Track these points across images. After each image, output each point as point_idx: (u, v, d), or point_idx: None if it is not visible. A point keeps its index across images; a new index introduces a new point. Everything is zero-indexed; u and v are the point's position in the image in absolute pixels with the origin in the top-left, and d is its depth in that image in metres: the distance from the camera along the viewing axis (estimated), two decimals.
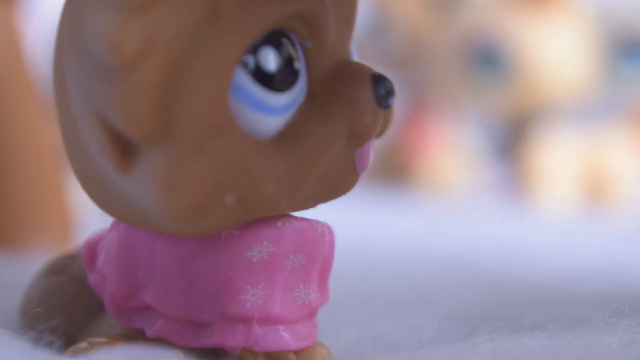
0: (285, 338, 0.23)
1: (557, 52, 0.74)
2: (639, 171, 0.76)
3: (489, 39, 0.74)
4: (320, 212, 0.24)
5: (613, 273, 0.41)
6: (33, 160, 0.43)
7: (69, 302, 0.25)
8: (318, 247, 0.23)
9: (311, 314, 0.24)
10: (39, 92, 0.45)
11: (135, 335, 0.23)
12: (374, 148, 0.23)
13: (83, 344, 0.23)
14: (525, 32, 0.74)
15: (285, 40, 0.21)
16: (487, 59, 0.74)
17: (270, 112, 0.21)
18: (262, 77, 0.21)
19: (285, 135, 0.21)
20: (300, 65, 0.21)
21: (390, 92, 0.22)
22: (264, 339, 0.22)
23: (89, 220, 0.45)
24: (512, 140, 0.77)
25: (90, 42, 0.20)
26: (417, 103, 0.81)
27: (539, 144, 0.75)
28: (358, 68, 0.22)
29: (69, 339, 0.24)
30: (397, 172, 0.80)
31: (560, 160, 0.74)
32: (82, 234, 0.43)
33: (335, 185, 0.22)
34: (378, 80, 0.22)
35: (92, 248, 0.25)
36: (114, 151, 0.21)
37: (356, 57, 0.24)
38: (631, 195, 0.75)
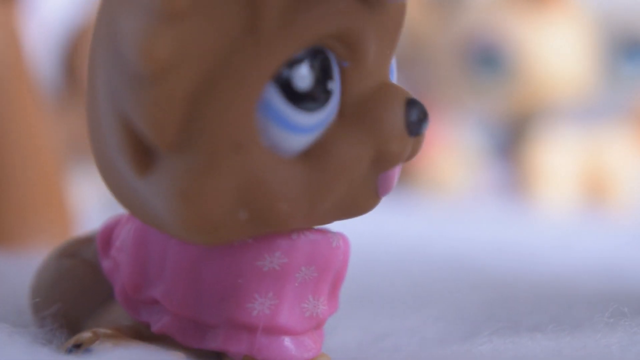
0: (290, 349, 0.22)
1: (557, 52, 0.74)
2: (639, 171, 0.77)
3: (489, 39, 0.74)
4: None
5: (613, 273, 0.41)
6: (33, 160, 0.43)
7: (79, 287, 0.25)
8: (331, 260, 0.23)
9: (318, 326, 0.23)
10: (39, 92, 0.45)
11: (141, 329, 0.23)
12: (399, 173, 0.23)
13: (87, 334, 0.23)
14: (525, 32, 0.74)
15: (322, 59, 0.21)
16: (487, 59, 0.74)
17: (297, 131, 0.21)
18: (293, 96, 0.20)
19: (310, 154, 0.21)
20: (334, 85, 0.21)
21: (422, 120, 0.22)
22: (267, 348, 0.22)
23: (89, 219, 0.45)
24: (512, 140, 0.77)
25: (122, 45, 0.20)
26: None
27: (539, 144, 0.75)
28: (393, 91, 0.22)
29: (76, 324, 0.24)
30: None
31: (560, 160, 0.74)
32: (82, 232, 0.43)
33: (353, 207, 0.22)
34: (412, 105, 0.22)
35: (108, 234, 0.25)
36: (134, 154, 0.21)
37: (395, 77, 0.23)
38: (631, 195, 0.75)
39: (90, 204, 0.56)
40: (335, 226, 0.24)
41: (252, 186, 0.20)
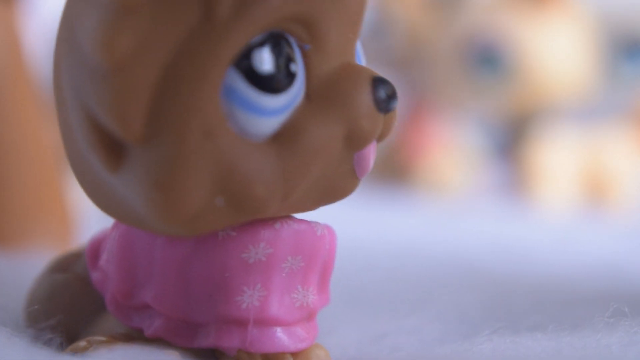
0: (282, 340, 0.23)
1: (557, 52, 0.74)
2: (639, 171, 0.76)
3: (489, 39, 0.74)
4: (319, 212, 0.24)
5: (613, 273, 0.41)
6: (33, 161, 0.43)
7: (72, 300, 0.25)
8: (317, 249, 0.23)
9: (310, 316, 0.23)
10: (39, 92, 0.45)
11: (135, 335, 0.23)
12: (375, 152, 0.23)
13: (82, 343, 0.23)
14: (525, 32, 0.74)
15: (282, 42, 0.21)
16: (487, 59, 0.74)
17: (263, 114, 0.21)
18: (255, 79, 0.21)
19: (279, 138, 0.21)
20: (297, 67, 0.21)
21: (391, 97, 0.22)
22: (260, 340, 0.22)
23: (89, 220, 0.45)
24: (512, 140, 0.77)
25: (81, 41, 0.20)
26: (417, 103, 0.81)
27: (539, 144, 0.75)
28: (358, 71, 0.22)
29: (71, 337, 0.24)
30: (397, 172, 0.80)
31: (560, 160, 0.74)
32: (82, 234, 0.43)
33: (332, 189, 0.22)
34: (378, 83, 0.22)
35: (96, 246, 0.25)
36: (103, 149, 0.21)
37: (363, 60, 0.23)
38: (631, 194, 0.75)
39: (90, 205, 0.56)
40: (336, 225, 0.24)
41: (225, 172, 0.20)
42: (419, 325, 0.29)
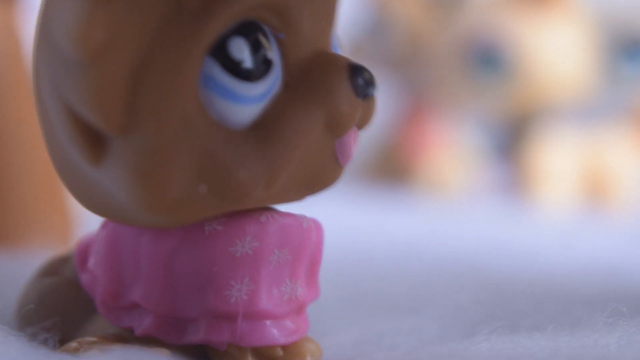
0: (272, 333, 0.23)
1: (557, 52, 0.74)
2: (639, 171, 0.76)
3: (489, 39, 0.74)
4: (318, 212, 0.24)
5: (612, 273, 0.41)
6: (33, 160, 0.43)
7: (63, 304, 0.25)
8: (304, 242, 0.23)
9: (300, 309, 0.24)
10: None
11: (125, 335, 0.23)
12: (357, 139, 0.23)
13: (73, 344, 0.23)
14: (525, 32, 0.74)
15: (256, 31, 0.21)
16: (487, 59, 0.74)
17: (242, 102, 0.21)
18: (232, 67, 0.21)
19: (260, 125, 0.21)
20: (272, 55, 0.22)
21: (368, 82, 0.22)
22: (250, 334, 0.22)
23: (89, 220, 0.45)
24: (512, 140, 0.77)
25: (56, 34, 0.21)
26: (417, 103, 0.81)
27: (539, 144, 0.75)
28: (334, 58, 0.22)
29: (62, 341, 0.24)
30: (397, 172, 0.80)
31: (560, 160, 0.74)
32: (82, 233, 0.43)
33: (315, 178, 0.23)
34: (355, 70, 0.22)
35: (84, 249, 0.25)
36: (84, 142, 0.21)
37: (341, 50, 0.24)
38: (631, 195, 0.75)
39: None
40: (336, 225, 0.24)
41: (206, 160, 0.21)
42: (417, 325, 0.29)
